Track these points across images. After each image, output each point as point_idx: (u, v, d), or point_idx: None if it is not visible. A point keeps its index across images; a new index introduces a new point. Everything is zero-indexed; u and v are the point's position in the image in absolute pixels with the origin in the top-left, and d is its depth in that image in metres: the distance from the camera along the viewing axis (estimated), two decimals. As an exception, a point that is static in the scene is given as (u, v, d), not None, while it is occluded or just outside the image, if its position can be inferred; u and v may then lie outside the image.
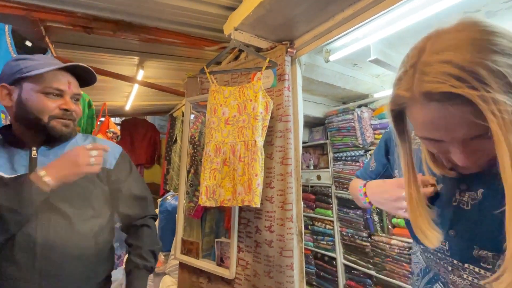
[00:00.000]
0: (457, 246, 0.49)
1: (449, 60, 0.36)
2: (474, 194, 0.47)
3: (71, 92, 0.75)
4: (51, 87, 0.71)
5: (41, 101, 0.71)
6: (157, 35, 1.49)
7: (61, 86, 0.73)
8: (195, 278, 1.57)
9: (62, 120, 0.74)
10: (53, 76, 0.72)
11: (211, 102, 1.39)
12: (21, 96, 0.71)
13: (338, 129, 2.24)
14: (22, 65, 0.71)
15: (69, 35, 1.49)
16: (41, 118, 0.71)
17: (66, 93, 0.74)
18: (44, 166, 0.68)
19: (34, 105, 0.71)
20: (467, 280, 0.48)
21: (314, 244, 2.43)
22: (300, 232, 1.26)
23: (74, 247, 0.73)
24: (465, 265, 0.48)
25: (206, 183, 1.30)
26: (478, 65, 0.35)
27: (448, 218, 0.50)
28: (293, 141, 1.31)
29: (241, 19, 1.22)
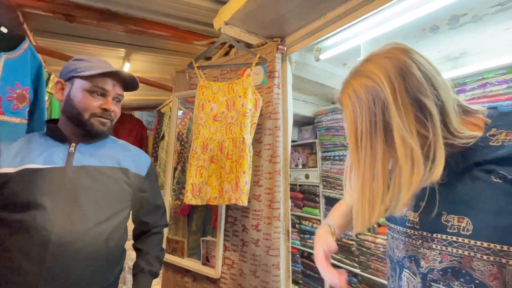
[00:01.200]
0: (427, 215, 0.54)
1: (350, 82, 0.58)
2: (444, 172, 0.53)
3: (114, 93, 0.82)
4: (97, 86, 0.78)
5: (85, 98, 0.78)
6: (145, 27, 1.43)
7: (106, 86, 0.80)
8: (180, 278, 1.53)
9: (101, 118, 0.80)
10: (100, 77, 0.79)
11: (199, 98, 1.36)
12: (71, 92, 0.79)
13: (327, 129, 2.25)
14: (77, 65, 0.79)
15: (50, 23, 1.41)
16: (83, 114, 0.78)
17: (109, 93, 0.81)
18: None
19: (79, 102, 0.77)
20: (436, 250, 0.53)
21: (301, 242, 2.44)
22: (287, 231, 1.25)
23: (87, 245, 0.74)
24: (434, 235, 0.53)
25: (192, 180, 1.27)
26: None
27: (423, 193, 0.55)
28: (282, 139, 1.29)
29: (232, 13, 1.20)
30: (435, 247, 0.53)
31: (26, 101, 1.22)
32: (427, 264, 0.54)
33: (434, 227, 0.54)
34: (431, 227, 0.54)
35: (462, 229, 0.49)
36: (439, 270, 0.52)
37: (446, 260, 0.51)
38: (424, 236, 0.55)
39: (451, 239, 0.51)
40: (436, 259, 0.53)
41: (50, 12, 1.24)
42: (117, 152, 0.88)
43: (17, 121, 1.21)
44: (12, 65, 1.17)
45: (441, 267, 0.52)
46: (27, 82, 1.23)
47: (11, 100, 1.17)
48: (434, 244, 0.53)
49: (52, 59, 1.70)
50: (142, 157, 0.94)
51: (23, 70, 1.21)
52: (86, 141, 0.82)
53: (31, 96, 1.26)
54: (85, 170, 0.78)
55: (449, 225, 0.51)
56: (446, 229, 0.51)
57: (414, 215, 0.58)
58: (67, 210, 0.73)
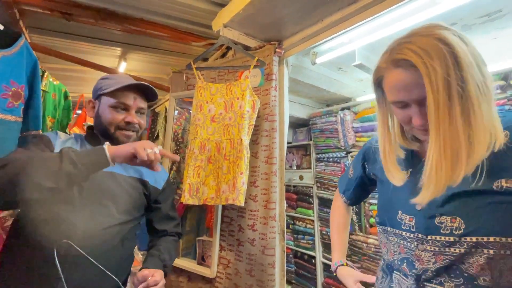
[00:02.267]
0: (423, 218, 0.57)
1: (412, 42, 0.52)
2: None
3: (136, 106, 0.89)
4: (119, 102, 0.86)
5: (110, 114, 0.86)
6: (143, 27, 1.44)
7: (127, 101, 0.87)
8: (175, 277, 1.54)
9: (125, 131, 0.87)
10: (122, 93, 0.86)
11: (197, 99, 1.37)
12: (99, 109, 0.88)
13: (321, 131, 2.29)
14: (103, 84, 0.88)
15: (47, 21, 1.40)
16: (109, 129, 0.86)
17: (131, 107, 0.88)
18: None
19: (105, 117, 0.86)
20: (430, 251, 0.56)
21: (295, 243, 2.47)
22: (283, 230, 1.27)
23: (106, 241, 0.79)
24: (428, 237, 0.56)
25: (189, 180, 1.28)
26: (429, 47, 0.50)
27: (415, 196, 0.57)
28: (278, 140, 1.32)
29: (231, 16, 1.21)
30: (430, 249, 0.56)
31: (21, 99, 1.21)
32: (421, 266, 0.56)
33: (428, 229, 0.56)
34: (425, 229, 0.56)
35: (454, 229, 0.52)
36: (433, 270, 0.55)
37: (440, 260, 0.54)
38: (419, 238, 0.57)
39: (445, 240, 0.54)
40: (430, 260, 0.55)
41: (48, 10, 1.24)
42: None
43: (12, 119, 1.19)
44: (7, 63, 1.15)
45: (435, 267, 0.55)
46: (22, 80, 1.21)
47: (6, 98, 1.15)
48: (428, 245, 0.56)
49: (47, 57, 1.67)
50: (161, 172, 0.99)
51: (18, 67, 1.20)
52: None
53: (26, 94, 1.24)
54: (113, 176, 0.86)
55: (442, 227, 0.54)
56: (440, 230, 0.54)
57: (409, 218, 0.60)
58: (92, 208, 0.79)
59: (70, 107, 1.96)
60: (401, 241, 0.62)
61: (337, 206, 0.95)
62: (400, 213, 0.62)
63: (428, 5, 1.06)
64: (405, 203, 0.61)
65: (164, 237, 0.99)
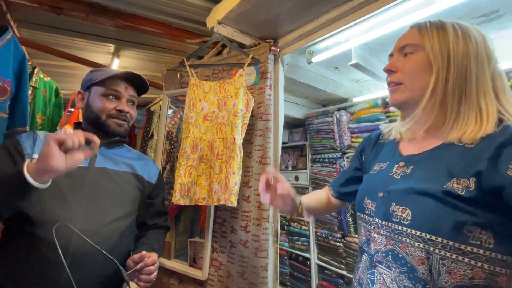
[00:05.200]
0: (382, 205, 0.61)
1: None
2: (405, 169, 0.62)
3: (127, 94, 0.90)
4: (110, 89, 0.87)
5: (101, 102, 0.86)
6: (135, 23, 1.40)
7: (118, 88, 0.88)
8: (166, 279, 1.50)
9: (116, 120, 0.87)
10: (113, 82, 0.88)
11: (190, 96, 1.34)
12: (89, 99, 0.88)
13: (317, 131, 2.27)
14: (93, 75, 0.89)
15: (36, 15, 1.36)
16: (100, 116, 0.85)
17: (122, 95, 0.89)
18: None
19: (96, 106, 0.86)
20: (383, 235, 0.60)
21: (289, 244, 2.44)
22: (276, 232, 1.25)
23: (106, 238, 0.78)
24: (383, 222, 0.60)
25: (181, 180, 1.25)
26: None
27: (382, 185, 0.64)
28: (272, 140, 1.29)
29: (225, 13, 1.19)
30: (383, 233, 0.60)
31: (7, 94, 1.17)
32: (375, 247, 0.61)
33: (383, 215, 0.60)
34: (381, 215, 0.61)
35: (402, 219, 0.56)
36: (383, 252, 0.59)
37: (390, 244, 0.58)
38: (376, 222, 0.62)
39: (394, 227, 0.57)
40: (382, 243, 0.60)
41: (36, 3, 1.20)
42: (131, 160, 0.95)
43: (-3, 115, 1.15)
44: (-7, 57, 1.12)
45: (385, 249, 0.59)
46: (8, 74, 1.17)
47: (-9, 93, 1.12)
48: (382, 230, 0.60)
49: (38, 52, 1.63)
50: (152, 167, 1.01)
51: (4, 62, 1.16)
52: (107, 146, 0.90)
53: (13, 89, 1.20)
54: (105, 172, 0.85)
55: (394, 215, 0.58)
56: (391, 218, 0.58)
57: (371, 204, 0.65)
58: (88, 206, 0.79)
59: (61, 104, 1.92)
60: (364, 224, 0.67)
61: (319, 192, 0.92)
62: (366, 199, 0.67)
63: (425, 4, 1.04)
64: (371, 190, 0.66)
65: (153, 230, 0.99)
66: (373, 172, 0.71)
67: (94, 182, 0.82)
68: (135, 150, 1.03)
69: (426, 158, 0.60)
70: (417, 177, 0.58)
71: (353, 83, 2.12)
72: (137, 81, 0.94)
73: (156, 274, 0.79)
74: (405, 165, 0.63)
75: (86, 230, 0.74)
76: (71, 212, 0.76)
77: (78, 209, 0.77)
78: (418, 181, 0.56)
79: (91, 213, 0.78)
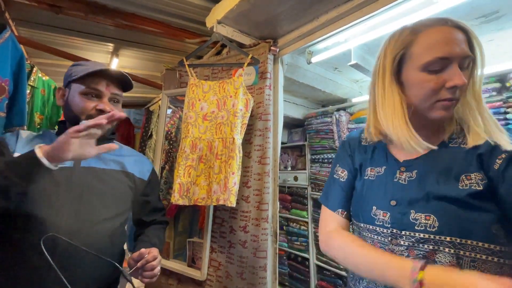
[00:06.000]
0: (398, 214, 0.58)
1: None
2: (410, 174, 0.60)
3: (109, 93, 0.82)
4: (90, 87, 0.79)
5: (81, 101, 0.79)
6: (135, 22, 1.39)
7: (99, 87, 0.80)
8: (164, 280, 1.50)
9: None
10: (93, 79, 0.80)
11: (189, 96, 1.33)
12: (68, 97, 0.81)
13: (317, 131, 2.27)
14: (73, 70, 0.81)
15: (34, 13, 1.35)
16: (80, 118, 0.78)
17: (104, 94, 0.81)
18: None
19: (75, 105, 0.79)
20: (404, 245, 0.56)
21: (288, 244, 2.44)
22: (275, 232, 1.24)
23: (94, 240, 0.76)
24: (403, 232, 0.57)
25: (180, 180, 1.24)
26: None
27: (390, 192, 0.61)
28: (272, 140, 1.29)
29: (225, 12, 1.18)
30: (403, 243, 0.57)
31: (5, 93, 1.16)
32: None
33: (403, 225, 0.57)
34: (400, 224, 0.58)
35: (428, 227, 0.54)
36: None
37: (413, 254, 0.55)
38: (393, 233, 0.58)
39: (419, 236, 0.55)
40: (403, 254, 0.56)
41: (34, 1, 1.19)
42: (121, 157, 0.91)
43: (-5, 113, 1.15)
44: (-9, 55, 1.11)
45: None
46: (6, 73, 1.17)
47: (-12, 92, 1.11)
48: (402, 240, 0.57)
49: (36, 51, 1.62)
50: (144, 163, 0.97)
51: (2, 60, 1.16)
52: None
53: (11, 88, 1.20)
54: (92, 171, 0.81)
55: (417, 223, 0.55)
56: (414, 227, 0.55)
57: (383, 214, 0.61)
58: (74, 207, 0.75)
59: (60, 103, 1.91)
60: (375, 236, 0.62)
61: (339, 232, 0.68)
62: (374, 208, 0.63)
63: (424, 5, 1.05)
64: (378, 198, 0.62)
65: (152, 225, 0.97)
66: (369, 177, 0.67)
67: (80, 182, 0.78)
68: (125, 147, 0.99)
69: (427, 160, 0.60)
70: (428, 181, 0.56)
71: (352, 84, 2.12)
72: (120, 78, 0.86)
73: (159, 268, 0.77)
74: (407, 170, 0.61)
75: (74, 231, 0.72)
76: (57, 214, 0.73)
77: (64, 211, 0.74)
78: (432, 185, 0.55)
79: (79, 215, 0.75)
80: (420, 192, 0.56)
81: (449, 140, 0.60)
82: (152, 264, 0.73)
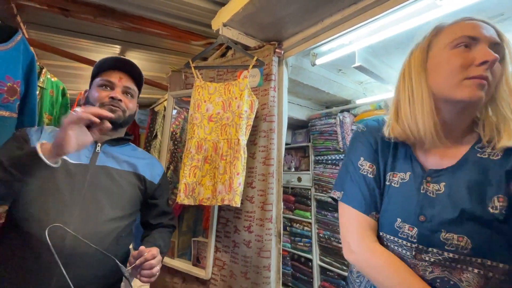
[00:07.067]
0: (427, 231, 0.54)
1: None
2: (437, 186, 0.55)
3: (121, 85, 0.90)
4: (104, 79, 0.89)
5: (96, 92, 0.88)
6: (142, 25, 1.42)
7: (112, 79, 0.89)
8: (169, 278, 1.52)
9: (109, 106, 0.86)
10: (108, 72, 0.90)
11: (195, 98, 1.35)
12: (89, 92, 0.91)
13: (321, 133, 2.28)
14: (95, 68, 0.92)
15: (44, 16, 1.39)
16: (95, 105, 0.85)
17: (116, 85, 0.90)
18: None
19: (92, 96, 0.88)
20: (428, 261, 0.53)
21: (292, 245, 2.45)
22: (279, 233, 1.26)
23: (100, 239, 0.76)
24: (429, 248, 0.53)
25: (185, 180, 1.26)
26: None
27: (418, 205, 0.56)
28: (276, 141, 1.30)
29: (230, 15, 1.20)
30: (428, 259, 0.54)
31: (16, 94, 1.19)
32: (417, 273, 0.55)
33: (431, 243, 0.53)
34: (430, 242, 0.54)
35: (460, 248, 0.50)
36: (428, 280, 0.53)
37: (438, 271, 0.53)
38: (419, 249, 0.55)
39: (448, 256, 0.51)
40: (426, 269, 0.54)
41: (45, 5, 1.22)
42: (135, 159, 0.94)
43: (6, 114, 1.18)
44: (3, 58, 1.14)
45: (431, 277, 0.53)
46: (18, 75, 1.20)
47: (1, 93, 1.14)
48: (428, 256, 0.54)
49: (45, 53, 1.66)
50: (156, 166, 1.01)
51: (14, 63, 1.19)
52: (110, 143, 0.90)
53: (22, 89, 1.23)
54: (106, 171, 0.85)
55: (447, 243, 0.52)
56: (444, 246, 0.52)
57: (409, 228, 0.56)
58: (85, 205, 0.78)
59: (68, 104, 1.94)
60: (396, 247, 0.58)
61: (382, 251, 0.59)
62: (399, 220, 0.57)
63: (429, 8, 1.05)
64: (404, 210, 0.57)
65: (158, 228, 0.99)
66: (393, 184, 0.61)
67: (93, 181, 0.81)
68: (140, 149, 1.03)
69: (455, 173, 0.55)
70: (459, 197, 0.52)
71: (356, 85, 2.13)
72: (133, 72, 0.94)
73: (159, 268, 0.77)
74: (433, 180, 0.56)
75: (81, 229, 0.73)
76: (67, 211, 0.75)
77: (75, 208, 0.76)
78: (465, 203, 0.51)
79: (88, 213, 0.77)
80: (452, 211, 0.52)
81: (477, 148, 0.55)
82: (150, 263, 0.74)
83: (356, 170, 0.64)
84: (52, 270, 0.70)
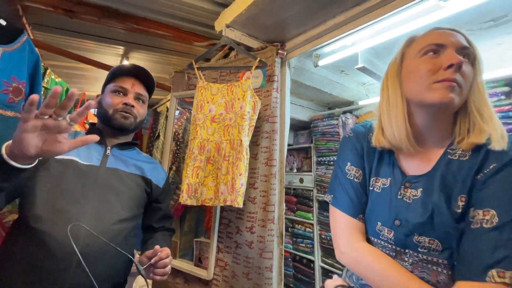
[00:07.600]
0: (401, 235, 0.57)
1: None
2: (415, 191, 0.58)
3: (134, 91, 0.93)
4: (116, 86, 0.92)
5: (109, 98, 0.91)
6: (146, 26, 1.43)
7: (125, 85, 0.92)
8: (171, 279, 1.52)
9: (122, 112, 0.89)
10: (121, 79, 0.93)
11: (198, 98, 1.36)
12: (102, 98, 0.93)
13: (323, 134, 2.28)
14: (110, 74, 0.94)
15: (49, 18, 1.40)
16: (108, 111, 0.89)
17: (129, 91, 0.93)
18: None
19: (105, 102, 0.91)
20: (407, 262, 0.57)
21: (294, 246, 2.45)
22: (281, 234, 1.26)
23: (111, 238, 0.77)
24: (406, 250, 0.57)
25: (188, 180, 1.27)
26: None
27: (394, 210, 0.59)
28: (278, 142, 1.30)
29: (233, 17, 1.21)
30: (407, 260, 0.57)
31: (21, 95, 1.20)
32: None
33: (406, 245, 0.57)
34: (404, 244, 0.57)
35: (432, 250, 0.54)
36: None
37: (417, 271, 0.56)
38: (397, 250, 0.58)
39: (422, 257, 0.55)
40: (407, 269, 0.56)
41: (51, 6, 1.23)
42: (141, 162, 0.97)
43: (11, 114, 1.19)
44: (9, 58, 1.15)
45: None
46: (23, 76, 1.21)
47: (6, 94, 1.15)
48: (406, 257, 0.57)
49: (50, 54, 1.68)
50: (161, 171, 1.03)
51: (20, 63, 1.20)
52: (118, 147, 0.93)
53: (27, 90, 1.24)
54: (115, 172, 0.87)
55: (420, 245, 0.55)
56: (417, 248, 0.55)
57: (387, 231, 0.59)
58: (97, 205, 0.80)
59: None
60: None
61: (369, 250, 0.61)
62: (379, 224, 0.61)
63: (432, 9, 1.05)
64: (383, 215, 0.60)
65: (159, 232, 1.00)
66: (375, 189, 0.63)
67: (104, 182, 0.83)
68: (144, 154, 1.05)
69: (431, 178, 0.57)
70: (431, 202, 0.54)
71: (359, 86, 2.13)
72: (145, 79, 0.97)
73: (170, 267, 0.79)
74: (411, 186, 0.59)
75: (93, 228, 0.73)
76: (80, 210, 0.76)
77: (87, 207, 0.78)
78: (433, 206, 0.53)
79: (99, 212, 0.79)
80: (423, 215, 0.54)
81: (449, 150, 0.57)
82: (165, 261, 0.75)
83: (344, 175, 0.67)
84: (67, 269, 0.71)
